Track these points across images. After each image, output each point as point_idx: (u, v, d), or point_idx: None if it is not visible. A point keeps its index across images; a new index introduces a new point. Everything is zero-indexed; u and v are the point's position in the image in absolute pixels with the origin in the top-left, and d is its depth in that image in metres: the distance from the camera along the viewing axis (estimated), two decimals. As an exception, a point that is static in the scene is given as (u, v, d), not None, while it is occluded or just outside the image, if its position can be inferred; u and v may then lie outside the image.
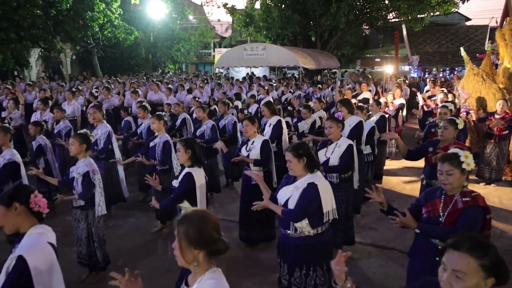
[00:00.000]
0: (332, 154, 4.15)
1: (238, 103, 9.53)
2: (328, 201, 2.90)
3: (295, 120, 7.26)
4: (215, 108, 8.08)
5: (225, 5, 20.18)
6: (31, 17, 14.80)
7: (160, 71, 27.61)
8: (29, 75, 20.71)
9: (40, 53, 19.07)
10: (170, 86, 11.55)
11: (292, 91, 12.18)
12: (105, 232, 4.22)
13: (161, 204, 3.54)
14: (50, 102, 8.40)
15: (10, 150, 4.47)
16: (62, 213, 5.54)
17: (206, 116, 6.43)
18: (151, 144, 5.24)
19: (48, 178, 4.20)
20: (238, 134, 6.90)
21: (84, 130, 4.11)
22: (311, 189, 2.82)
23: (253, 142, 4.58)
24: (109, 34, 19.26)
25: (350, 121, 5.22)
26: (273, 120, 5.59)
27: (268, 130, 5.54)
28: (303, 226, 2.86)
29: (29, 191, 2.09)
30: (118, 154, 5.69)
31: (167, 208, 4.29)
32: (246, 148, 4.61)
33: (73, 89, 10.13)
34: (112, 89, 11.42)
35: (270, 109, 5.67)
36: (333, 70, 21.38)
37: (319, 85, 12.97)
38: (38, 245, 1.98)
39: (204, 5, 33.79)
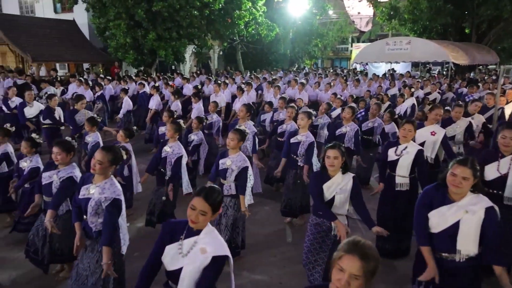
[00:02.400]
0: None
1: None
2: None
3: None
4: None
5: (368, -3, 19.45)
6: (189, 18, 16.65)
7: (296, 66, 28.17)
8: (183, 69, 23.38)
9: (193, 50, 21.31)
10: (303, 81, 11.70)
11: (441, 91, 11.00)
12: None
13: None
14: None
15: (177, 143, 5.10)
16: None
17: (351, 118, 6.24)
18: (293, 140, 5.33)
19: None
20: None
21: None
22: (494, 214, 2.57)
23: (406, 147, 4.29)
24: (253, 31, 20.41)
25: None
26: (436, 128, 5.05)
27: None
28: (470, 249, 2.61)
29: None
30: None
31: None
32: (396, 152, 4.34)
33: (219, 82, 11.06)
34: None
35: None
36: (491, 66, 18.75)
37: (475, 84, 11.30)
38: (224, 243, 2.33)
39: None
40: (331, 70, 24.02)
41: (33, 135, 4.71)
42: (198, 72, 19.03)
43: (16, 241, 4.82)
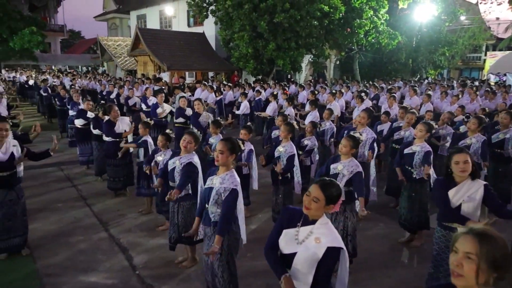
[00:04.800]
0: None
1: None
2: None
3: None
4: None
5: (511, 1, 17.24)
6: (308, 28, 16.90)
7: (418, 76, 26.35)
8: (299, 78, 23.75)
9: (310, 59, 21.51)
10: (429, 92, 10.87)
11: None
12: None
13: None
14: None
15: (290, 143, 5.25)
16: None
17: (477, 129, 5.72)
18: (407, 151, 5.07)
19: None
20: None
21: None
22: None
23: None
24: (373, 40, 19.74)
25: None
26: None
27: None
28: None
29: (341, 195, 2.40)
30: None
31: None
32: None
33: (333, 91, 10.96)
34: (369, 94, 11.77)
35: None
36: None
37: None
38: (338, 236, 2.35)
39: (481, 3, 29.75)
40: (459, 81, 21.88)
41: (168, 130, 5.30)
42: (314, 80, 19.15)
43: (149, 228, 5.46)
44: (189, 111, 8.36)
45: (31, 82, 19.05)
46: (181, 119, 8.29)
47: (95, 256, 4.68)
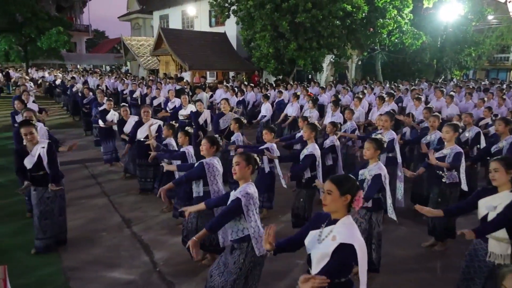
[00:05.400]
0: None
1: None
2: None
3: None
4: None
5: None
6: (330, 28, 16.76)
7: (442, 77, 25.76)
8: (320, 78, 23.59)
9: (331, 59, 21.33)
10: (452, 93, 10.59)
11: None
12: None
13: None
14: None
15: (313, 144, 5.22)
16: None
17: (506, 131, 5.55)
18: (437, 155, 4.94)
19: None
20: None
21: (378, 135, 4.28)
22: None
23: None
24: (396, 40, 19.40)
25: None
26: None
27: None
28: None
29: (359, 188, 2.36)
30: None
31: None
32: None
33: (359, 96, 10.75)
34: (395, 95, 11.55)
35: None
36: None
37: None
38: (360, 237, 2.24)
39: (509, 1, 28.86)
40: (485, 82, 21.27)
41: (187, 128, 5.40)
42: (335, 81, 18.99)
43: (170, 226, 5.53)
44: (206, 114, 8.41)
45: (58, 81, 19.57)
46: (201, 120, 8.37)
47: (117, 253, 4.77)
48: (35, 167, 4.46)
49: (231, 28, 22.72)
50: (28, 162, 4.43)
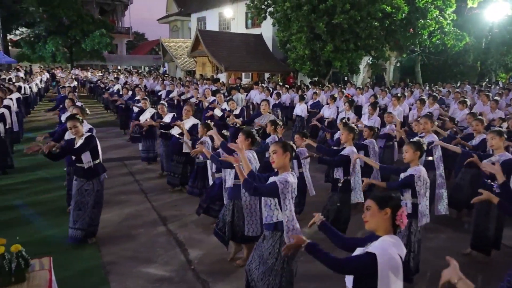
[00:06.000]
0: None
1: None
2: None
3: None
4: None
5: None
6: (368, 29, 16.43)
7: (487, 80, 24.62)
8: (356, 80, 23.19)
9: (369, 61, 20.92)
10: (497, 98, 10.09)
11: None
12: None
13: None
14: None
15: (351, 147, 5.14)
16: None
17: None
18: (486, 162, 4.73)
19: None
20: None
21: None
22: None
23: None
24: (438, 41, 18.77)
25: None
26: None
27: None
28: None
29: (400, 204, 2.29)
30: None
31: None
32: None
33: (398, 95, 10.50)
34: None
35: None
36: None
37: None
38: (389, 251, 2.15)
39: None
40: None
41: (223, 132, 5.60)
42: (372, 83, 18.59)
43: (204, 224, 5.61)
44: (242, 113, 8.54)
45: (99, 82, 20.37)
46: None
47: (154, 249, 4.89)
48: (78, 159, 4.68)
49: (267, 30, 22.78)
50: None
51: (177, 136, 6.79)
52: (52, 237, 5.14)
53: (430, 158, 5.48)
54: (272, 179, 3.23)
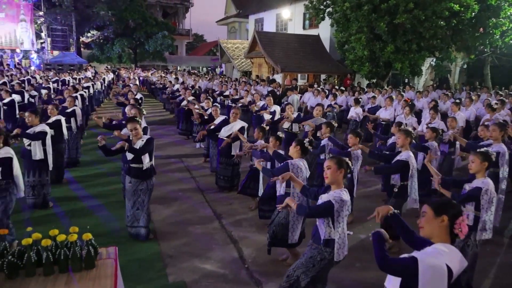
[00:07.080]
0: None
1: None
2: None
3: None
4: None
5: None
6: (433, 28, 15.59)
7: None
8: (417, 83, 22.13)
9: (432, 62, 19.86)
10: None
11: None
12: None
13: None
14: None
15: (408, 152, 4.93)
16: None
17: None
18: None
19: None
20: None
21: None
22: None
23: None
24: (511, 41, 17.40)
25: None
26: None
27: None
28: None
29: (460, 212, 2.17)
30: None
31: None
32: None
33: (457, 101, 9.86)
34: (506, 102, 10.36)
35: None
36: None
37: None
38: (435, 259, 2.04)
39: None
40: None
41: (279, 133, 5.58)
42: (435, 86, 17.64)
43: (258, 223, 5.65)
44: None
45: (158, 83, 21.27)
46: (286, 124, 8.40)
47: (209, 245, 5.02)
48: (135, 159, 4.87)
49: (324, 31, 22.46)
50: (130, 154, 4.85)
51: (225, 138, 6.75)
52: (114, 227, 5.45)
53: (491, 169, 5.07)
54: (325, 197, 3.19)
